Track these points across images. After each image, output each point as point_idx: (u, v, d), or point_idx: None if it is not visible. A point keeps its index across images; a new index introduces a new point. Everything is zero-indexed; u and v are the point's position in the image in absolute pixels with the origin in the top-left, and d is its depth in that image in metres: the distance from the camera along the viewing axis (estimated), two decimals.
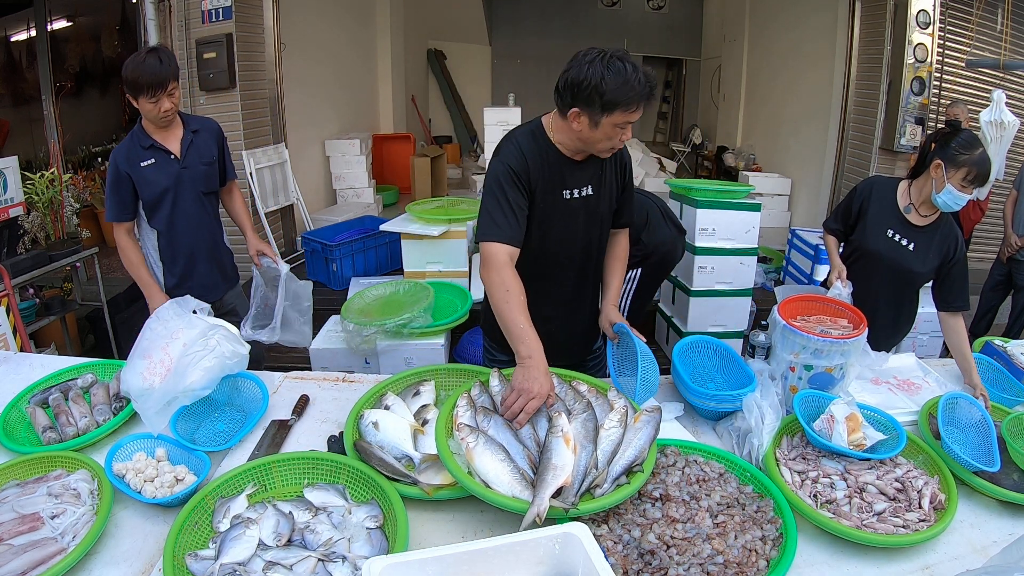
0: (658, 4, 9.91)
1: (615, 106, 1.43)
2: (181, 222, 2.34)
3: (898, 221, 2.11)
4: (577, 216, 1.67)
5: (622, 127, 1.49)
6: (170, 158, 2.27)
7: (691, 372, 1.74)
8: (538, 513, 1.11)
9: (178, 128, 2.30)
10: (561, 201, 1.64)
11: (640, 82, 1.43)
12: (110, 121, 6.77)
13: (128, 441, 1.42)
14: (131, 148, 2.24)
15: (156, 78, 2.08)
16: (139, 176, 2.23)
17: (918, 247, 2.08)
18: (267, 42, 4.56)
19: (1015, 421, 1.54)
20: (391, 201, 6.77)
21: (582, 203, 1.66)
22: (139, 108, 2.17)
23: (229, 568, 1.08)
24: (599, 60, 1.42)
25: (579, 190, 1.65)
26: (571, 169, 1.62)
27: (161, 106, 2.14)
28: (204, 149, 2.35)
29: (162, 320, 1.59)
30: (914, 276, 2.11)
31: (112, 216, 2.28)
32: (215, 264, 2.48)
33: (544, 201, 1.62)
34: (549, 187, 1.61)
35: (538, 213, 1.63)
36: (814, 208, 5.63)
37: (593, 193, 1.67)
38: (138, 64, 2.08)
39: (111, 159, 2.26)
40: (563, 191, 1.63)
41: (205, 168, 2.36)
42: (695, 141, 9.08)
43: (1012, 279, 3.98)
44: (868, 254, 2.15)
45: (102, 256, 3.73)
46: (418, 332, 2.76)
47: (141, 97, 2.12)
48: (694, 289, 3.62)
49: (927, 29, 4.53)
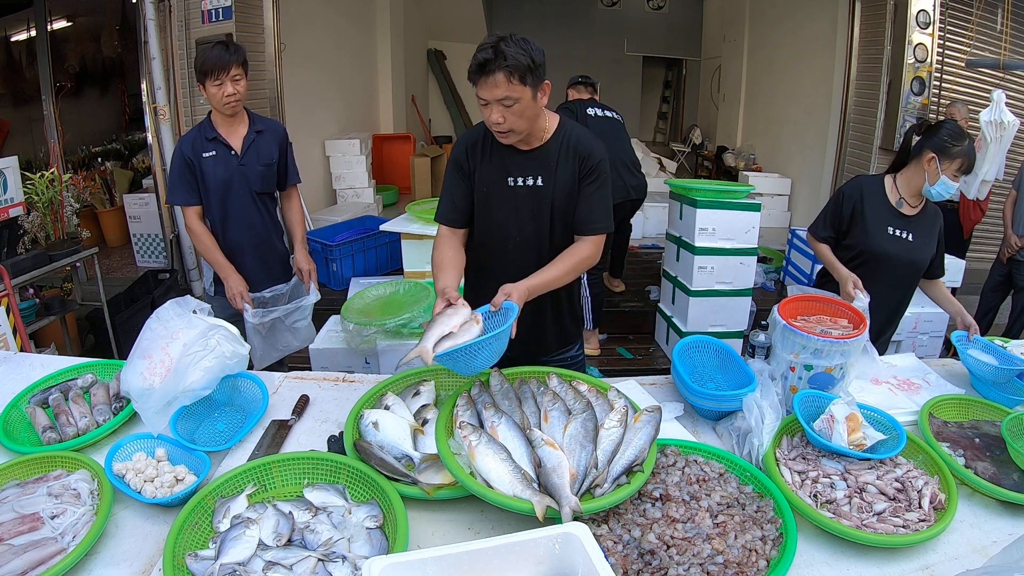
0: (658, 4, 9.90)
1: (471, 78, 1.52)
2: (233, 217, 2.39)
3: (895, 216, 2.12)
4: (521, 203, 1.70)
5: (482, 103, 1.54)
6: (230, 153, 2.34)
7: (691, 372, 1.74)
8: (573, 509, 1.14)
9: (243, 125, 2.37)
10: (506, 188, 1.69)
11: (478, 56, 1.48)
12: (110, 121, 6.77)
13: (128, 441, 1.42)
14: (196, 137, 2.33)
15: (220, 62, 2.18)
16: (199, 166, 2.31)
17: (916, 236, 2.11)
18: (267, 42, 4.56)
19: (1015, 421, 1.54)
20: (391, 201, 6.77)
21: (527, 191, 1.69)
22: (206, 96, 2.26)
23: (229, 568, 1.08)
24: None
25: (524, 179, 1.68)
26: (515, 157, 1.68)
27: (224, 90, 2.21)
28: (265, 150, 2.40)
29: (162, 320, 1.59)
30: (920, 266, 2.16)
31: (180, 200, 2.36)
32: (262, 263, 2.50)
33: (487, 185, 1.70)
34: (492, 173, 1.69)
35: (482, 198, 1.72)
36: (814, 208, 5.62)
37: (543, 184, 1.68)
38: (205, 51, 2.21)
39: (177, 146, 2.37)
40: (507, 178, 1.68)
41: (263, 169, 2.40)
42: (695, 141, 9.08)
43: (1012, 279, 3.97)
44: (875, 256, 2.13)
45: (102, 256, 3.74)
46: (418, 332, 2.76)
47: (207, 81, 2.21)
48: (694, 289, 3.62)
49: (927, 29, 4.53)
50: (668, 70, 10.83)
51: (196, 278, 4.46)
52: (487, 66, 1.48)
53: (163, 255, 5.11)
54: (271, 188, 2.49)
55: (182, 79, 4.26)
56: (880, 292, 2.05)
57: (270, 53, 4.60)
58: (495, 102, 1.51)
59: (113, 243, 5.77)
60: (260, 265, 2.49)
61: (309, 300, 2.48)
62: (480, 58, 1.48)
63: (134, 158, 6.49)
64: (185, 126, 4.28)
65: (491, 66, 1.47)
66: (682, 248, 3.72)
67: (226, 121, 2.33)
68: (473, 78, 1.52)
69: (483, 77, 1.49)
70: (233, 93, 2.24)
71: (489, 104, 1.52)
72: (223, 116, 2.32)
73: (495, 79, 1.48)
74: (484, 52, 1.48)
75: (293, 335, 2.52)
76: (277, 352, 2.51)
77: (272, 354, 2.50)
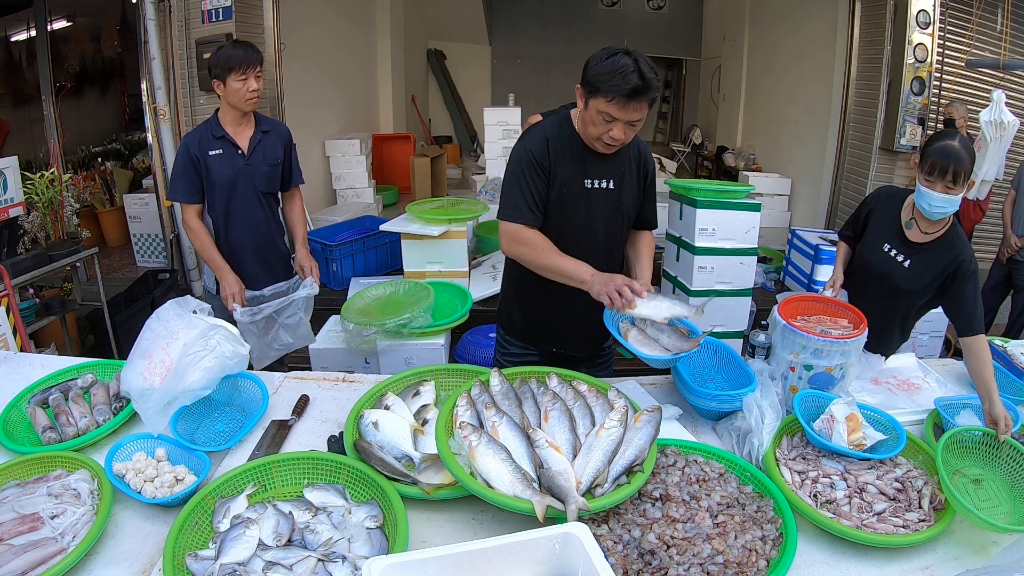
0: (658, 4, 9.89)
1: (597, 90, 1.48)
2: (237, 216, 2.40)
3: (897, 236, 1.95)
4: (598, 205, 1.72)
5: (607, 119, 1.52)
6: (237, 152, 2.35)
7: (691, 372, 1.74)
8: (580, 507, 1.14)
9: (250, 126, 2.39)
10: (583, 189, 1.69)
11: (627, 78, 1.44)
12: (110, 121, 6.77)
13: (128, 441, 1.42)
14: (203, 135, 2.33)
15: (247, 57, 2.22)
16: (205, 163, 2.32)
17: (914, 264, 1.90)
18: (267, 42, 4.55)
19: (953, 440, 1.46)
20: (391, 201, 6.77)
21: (603, 194, 1.71)
22: (226, 91, 2.26)
23: (229, 568, 1.08)
24: (612, 49, 1.49)
25: (600, 181, 1.70)
26: (593, 160, 1.68)
27: (248, 85, 2.24)
28: (270, 150, 2.42)
29: (162, 320, 1.59)
30: (902, 294, 1.94)
31: (181, 197, 2.36)
32: (263, 263, 2.50)
33: (565, 186, 1.68)
34: (570, 174, 1.67)
35: (558, 198, 1.68)
36: (814, 208, 5.63)
37: (615, 188, 1.72)
38: (226, 48, 2.25)
39: (182, 143, 2.37)
40: (584, 179, 1.69)
41: (268, 169, 2.42)
42: (695, 141, 9.08)
43: (1012, 279, 3.97)
44: (862, 267, 2.04)
45: (102, 256, 3.73)
46: (418, 332, 2.76)
47: (231, 75, 2.21)
48: (694, 289, 3.61)
49: (927, 29, 4.53)
50: (668, 70, 10.82)
51: (196, 278, 4.46)
52: (638, 93, 1.46)
53: (163, 255, 5.11)
54: (275, 188, 2.49)
55: (182, 79, 4.26)
56: (863, 307, 1.84)
57: (270, 53, 4.59)
58: (626, 122, 1.51)
59: (113, 243, 5.77)
60: (262, 265, 2.49)
61: (300, 294, 2.42)
62: (632, 83, 1.44)
63: (134, 158, 6.49)
64: (185, 126, 4.28)
65: (641, 94, 1.46)
66: (682, 248, 3.72)
67: (234, 120, 2.34)
68: (613, 98, 1.46)
69: (630, 102, 1.47)
70: (256, 89, 2.26)
71: (616, 121, 1.51)
72: (232, 115, 2.32)
73: (640, 105, 1.49)
74: (631, 76, 1.44)
75: (288, 332, 2.49)
76: (274, 352, 2.49)
77: (269, 353, 2.48)
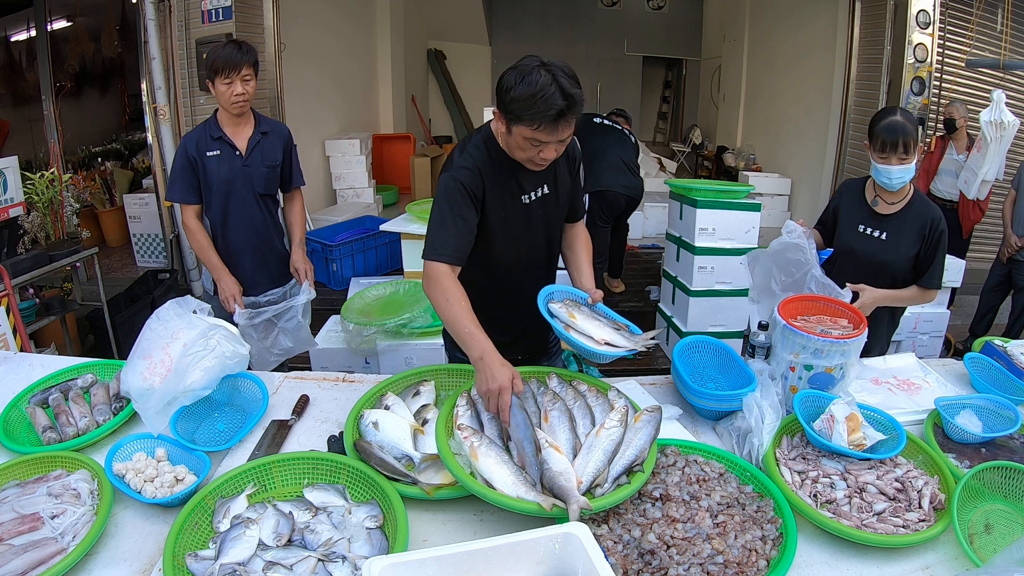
0: (658, 4, 9.89)
1: (519, 118, 1.38)
2: (234, 217, 2.38)
3: (867, 215, 2.08)
4: (538, 215, 1.64)
5: (535, 144, 1.41)
6: (235, 153, 2.33)
7: (691, 372, 1.74)
8: (582, 507, 1.14)
9: (249, 126, 2.37)
10: (521, 206, 1.60)
11: (549, 101, 1.33)
12: (110, 121, 6.77)
13: (128, 441, 1.42)
14: (201, 136, 2.32)
15: (232, 60, 2.18)
16: (203, 164, 2.31)
17: (891, 235, 2.03)
18: (267, 42, 4.55)
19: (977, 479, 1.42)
20: (391, 201, 6.77)
21: (540, 203, 1.63)
22: (215, 94, 2.25)
23: (229, 568, 1.08)
24: (525, 68, 1.37)
25: (536, 191, 1.62)
26: (525, 173, 1.56)
27: (233, 89, 2.21)
28: (269, 151, 2.40)
29: (162, 320, 1.59)
30: (888, 267, 2.04)
31: (179, 197, 2.34)
32: (261, 264, 2.48)
33: (504, 209, 1.58)
34: (507, 196, 1.57)
35: (500, 223, 1.59)
36: (814, 208, 5.62)
37: (551, 191, 1.65)
38: (217, 49, 2.21)
39: (181, 143, 2.35)
40: (521, 196, 1.59)
41: (267, 170, 2.40)
42: (695, 141, 9.08)
43: (1012, 279, 3.97)
44: (843, 253, 2.11)
45: (102, 256, 3.73)
46: (418, 332, 2.77)
47: (216, 79, 2.20)
48: (694, 289, 3.62)
49: (927, 29, 4.53)
50: (668, 70, 10.82)
51: (196, 278, 4.46)
52: (564, 115, 1.36)
53: (163, 255, 5.11)
54: (274, 190, 2.48)
55: (182, 79, 4.26)
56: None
57: (270, 53, 4.60)
58: (556, 142, 1.42)
59: (113, 243, 5.77)
60: (259, 266, 2.48)
61: (300, 299, 2.40)
62: (557, 107, 1.34)
63: (134, 158, 6.49)
64: (185, 126, 4.28)
65: (568, 114, 1.37)
66: (682, 248, 3.73)
67: (232, 121, 2.33)
68: (539, 125, 1.36)
69: (558, 124, 1.37)
70: (242, 93, 2.23)
71: (547, 144, 1.42)
72: (229, 116, 2.31)
73: (568, 123, 1.39)
74: (554, 99, 1.34)
75: (287, 337, 2.45)
76: (274, 357, 2.46)
77: (268, 358, 2.45)
